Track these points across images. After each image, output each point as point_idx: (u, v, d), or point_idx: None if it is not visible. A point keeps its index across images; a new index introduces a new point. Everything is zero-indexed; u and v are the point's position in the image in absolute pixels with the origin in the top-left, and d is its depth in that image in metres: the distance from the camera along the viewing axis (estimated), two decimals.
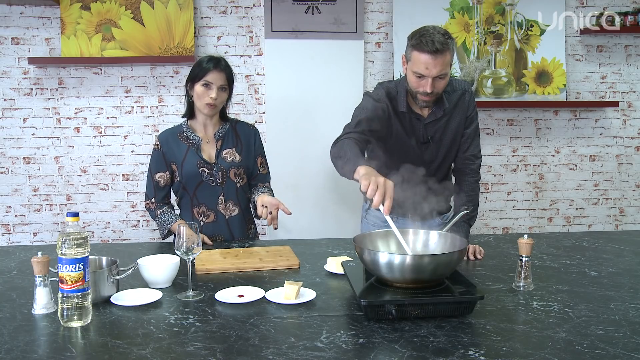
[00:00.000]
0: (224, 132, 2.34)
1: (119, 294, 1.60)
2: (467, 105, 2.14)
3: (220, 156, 2.30)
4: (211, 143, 2.32)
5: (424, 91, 1.97)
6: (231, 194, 2.31)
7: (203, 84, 2.20)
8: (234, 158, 2.31)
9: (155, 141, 2.33)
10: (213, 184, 2.29)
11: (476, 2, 3.71)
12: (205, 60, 2.23)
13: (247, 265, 1.88)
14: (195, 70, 2.24)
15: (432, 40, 1.88)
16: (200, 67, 2.22)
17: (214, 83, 2.20)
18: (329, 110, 3.60)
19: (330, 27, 3.61)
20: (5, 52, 3.46)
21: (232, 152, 2.32)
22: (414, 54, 1.94)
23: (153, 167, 2.32)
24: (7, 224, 3.58)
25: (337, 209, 3.71)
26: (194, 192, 2.29)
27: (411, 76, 1.98)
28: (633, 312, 1.49)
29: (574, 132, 3.94)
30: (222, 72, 2.22)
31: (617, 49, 3.89)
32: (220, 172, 2.28)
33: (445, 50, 1.89)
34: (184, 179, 2.28)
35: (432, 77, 1.93)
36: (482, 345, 1.28)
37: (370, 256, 1.52)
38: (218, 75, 2.21)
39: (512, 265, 1.86)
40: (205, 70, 2.20)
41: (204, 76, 2.20)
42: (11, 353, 1.25)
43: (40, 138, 3.54)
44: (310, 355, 1.23)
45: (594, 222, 4.02)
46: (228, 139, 2.34)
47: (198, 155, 2.28)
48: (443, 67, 1.92)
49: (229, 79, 2.25)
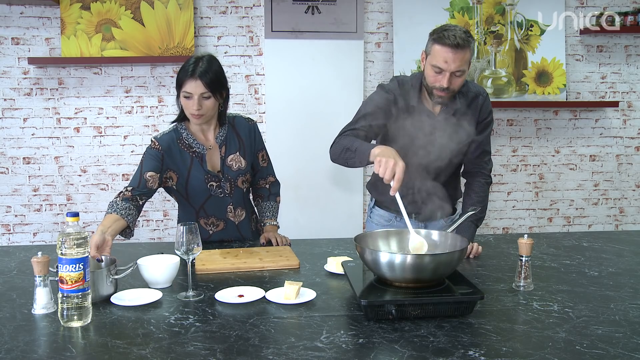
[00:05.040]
0: (225, 135, 2.18)
1: (119, 294, 1.60)
2: (479, 109, 2.14)
3: (226, 164, 2.17)
4: (214, 149, 2.16)
5: (440, 86, 1.97)
6: (239, 200, 2.24)
7: (184, 95, 2.02)
8: (240, 165, 2.19)
9: (154, 143, 2.11)
10: (222, 196, 2.18)
11: (476, 2, 3.71)
12: (183, 67, 2.03)
13: (247, 265, 1.88)
14: (177, 77, 2.05)
15: (454, 35, 1.89)
16: (178, 77, 2.03)
17: (193, 93, 2.00)
18: (329, 110, 3.60)
19: (330, 27, 3.61)
20: (5, 52, 3.46)
21: (237, 157, 2.19)
22: (434, 48, 1.95)
23: (146, 164, 2.09)
24: (7, 224, 3.58)
25: (337, 209, 3.72)
26: (201, 206, 2.19)
27: (429, 70, 1.99)
28: (633, 312, 1.49)
29: (574, 132, 3.94)
30: (198, 79, 1.98)
31: (617, 49, 3.89)
32: (229, 183, 2.18)
33: (465, 46, 1.91)
34: (189, 195, 2.16)
35: (450, 71, 1.93)
36: (482, 345, 1.28)
37: (371, 255, 1.52)
38: (194, 84, 1.99)
39: (512, 265, 1.86)
40: (181, 81, 2.01)
41: (182, 87, 2.01)
42: (11, 353, 1.25)
43: (40, 138, 3.55)
44: (310, 355, 1.23)
45: (594, 222, 4.02)
46: (231, 142, 2.19)
47: (204, 169, 2.13)
48: (462, 64, 1.93)
49: (210, 85, 2.00)
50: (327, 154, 2.07)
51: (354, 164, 1.92)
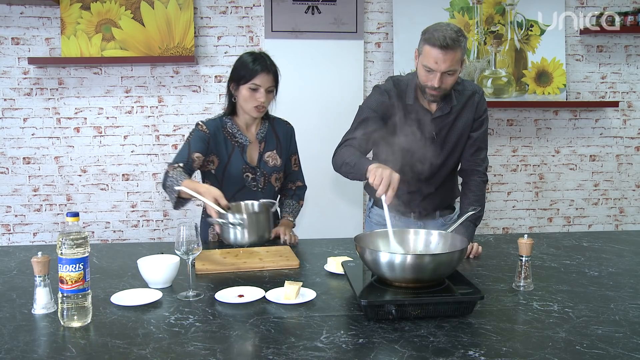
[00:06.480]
0: (265, 132, 2.26)
1: (119, 294, 1.60)
2: (475, 107, 2.17)
3: (263, 159, 2.24)
4: (254, 144, 2.24)
5: (431, 85, 1.99)
6: (269, 197, 2.26)
7: (250, 87, 2.10)
8: (275, 162, 2.25)
9: (202, 126, 2.16)
10: (254, 189, 2.23)
11: (476, 2, 3.71)
12: (251, 60, 2.11)
13: (247, 265, 1.88)
14: (240, 71, 2.12)
15: (444, 36, 1.90)
16: (247, 69, 2.10)
17: (262, 86, 2.10)
18: (329, 110, 3.60)
19: (330, 27, 3.61)
20: (5, 52, 3.46)
21: (273, 155, 2.25)
22: (425, 48, 1.96)
23: (194, 144, 2.13)
24: (7, 224, 3.58)
25: (337, 209, 3.72)
26: (232, 195, 2.19)
27: (421, 70, 2.01)
28: (633, 312, 1.49)
29: (574, 132, 3.94)
30: (270, 73, 2.11)
31: (617, 49, 3.89)
32: (263, 177, 2.24)
33: (455, 46, 1.91)
34: (224, 180, 2.20)
35: (440, 71, 1.95)
36: (482, 345, 1.28)
37: (371, 255, 1.52)
38: (266, 77, 2.10)
39: (512, 265, 1.86)
40: (253, 73, 2.09)
41: (251, 79, 2.09)
42: (11, 353, 1.25)
43: (40, 138, 3.55)
44: (310, 355, 1.23)
45: (594, 222, 4.02)
46: (270, 140, 2.26)
47: (243, 159, 2.20)
48: (452, 64, 1.94)
49: (275, 80, 2.15)
50: (327, 154, 2.08)
51: (353, 178, 1.96)
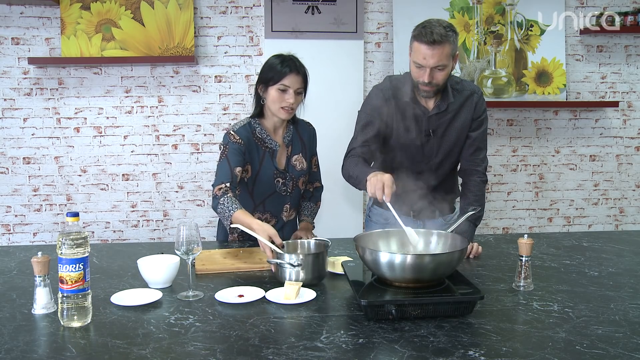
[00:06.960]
0: (292, 136, 2.24)
1: (119, 294, 1.60)
2: (474, 107, 2.18)
3: (290, 163, 2.23)
4: (282, 148, 2.22)
5: (423, 81, 2.02)
6: (295, 201, 2.28)
7: (279, 88, 2.08)
8: (302, 166, 2.25)
9: (234, 136, 2.12)
10: (284, 194, 2.23)
11: (476, 2, 3.71)
12: (279, 62, 2.10)
13: (247, 265, 1.88)
14: (268, 73, 2.11)
15: (431, 32, 1.92)
16: (276, 70, 2.09)
17: (291, 87, 2.08)
18: (329, 110, 3.60)
19: (330, 27, 3.61)
20: (5, 52, 3.46)
21: (300, 158, 2.25)
22: (414, 44, 1.99)
23: (233, 159, 2.09)
24: (7, 224, 3.58)
25: (337, 209, 3.71)
26: (262, 201, 2.21)
27: (412, 66, 2.04)
28: (633, 312, 1.49)
29: (574, 132, 3.94)
30: (299, 75, 2.09)
31: (617, 49, 3.89)
32: (292, 182, 2.23)
33: (443, 42, 1.93)
34: (255, 189, 2.19)
35: (429, 67, 1.97)
36: (482, 345, 1.28)
37: (371, 255, 1.52)
38: (295, 78, 2.08)
39: (512, 265, 1.86)
40: (282, 74, 2.07)
41: (281, 80, 2.07)
42: (11, 353, 1.25)
43: (40, 138, 3.55)
44: (310, 355, 1.23)
45: (594, 222, 4.02)
46: (295, 143, 2.25)
47: (274, 165, 2.18)
48: (441, 59, 1.95)
49: (305, 81, 2.13)
50: (327, 154, 2.09)
51: (361, 189, 1.99)
